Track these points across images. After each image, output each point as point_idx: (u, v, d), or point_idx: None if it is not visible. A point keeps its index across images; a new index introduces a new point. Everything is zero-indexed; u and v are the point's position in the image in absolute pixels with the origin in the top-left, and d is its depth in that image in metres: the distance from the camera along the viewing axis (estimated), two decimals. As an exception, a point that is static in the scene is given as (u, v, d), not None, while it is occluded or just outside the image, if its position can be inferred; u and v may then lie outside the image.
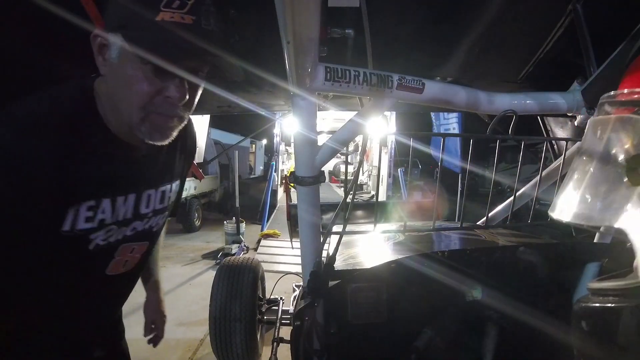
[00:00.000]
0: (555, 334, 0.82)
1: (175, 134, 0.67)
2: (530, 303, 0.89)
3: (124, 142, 0.68)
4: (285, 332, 1.37)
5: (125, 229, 0.74)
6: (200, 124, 6.17)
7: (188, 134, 0.91)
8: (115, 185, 0.70)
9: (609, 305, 0.44)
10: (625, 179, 0.43)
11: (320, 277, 0.87)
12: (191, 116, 0.73)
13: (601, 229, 0.97)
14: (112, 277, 0.78)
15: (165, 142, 0.67)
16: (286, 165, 10.71)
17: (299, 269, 1.04)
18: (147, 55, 0.56)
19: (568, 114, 1.02)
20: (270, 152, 12.44)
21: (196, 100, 0.67)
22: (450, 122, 6.21)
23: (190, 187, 6.71)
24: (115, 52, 0.59)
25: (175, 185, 0.86)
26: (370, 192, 8.87)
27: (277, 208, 8.09)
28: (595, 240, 1.12)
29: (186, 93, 0.63)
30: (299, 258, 0.95)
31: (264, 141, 16.29)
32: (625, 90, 0.48)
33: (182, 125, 0.68)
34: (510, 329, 0.89)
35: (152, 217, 0.79)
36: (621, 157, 0.44)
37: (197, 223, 6.96)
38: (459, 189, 5.26)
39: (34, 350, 0.75)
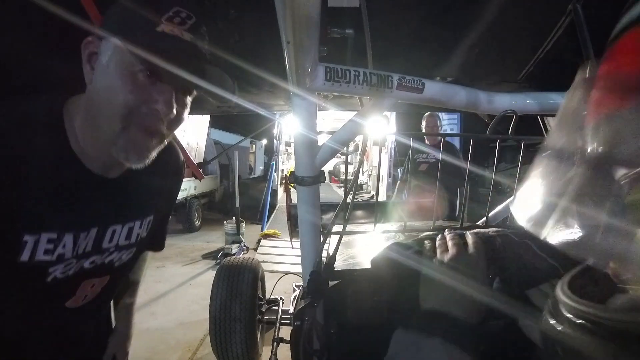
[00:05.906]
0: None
1: (153, 155, 0.63)
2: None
3: (93, 174, 0.65)
4: (285, 332, 1.37)
5: (84, 261, 0.71)
6: (200, 124, 6.19)
7: (170, 170, 0.85)
8: (80, 220, 0.67)
9: (581, 334, 0.34)
10: None
11: (320, 277, 0.87)
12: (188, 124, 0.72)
13: None
14: (72, 309, 0.75)
15: (141, 165, 0.62)
16: (286, 165, 10.72)
17: (299, 269, 1.04)
18: (143, 58, 0.53)
19: (568, 114, 1.02)
20: (270, 152, 12.46)
21: (181, 122, 0.64)
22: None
23: (190, 187, 6.72)
24: (106, 56, 0.56)
25: (147, 221, 0.81)
26: (370, 192, 8.88)
27: (277, 208, 8.10)
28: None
29: (173, 108, 0.59)
30: (299, 258, 0.95)
31: (264, 141, 16.29)
32: None
33: (161, 146, 0.64)
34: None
35: (113, 252, 0.75)
36: None
37: (197, 223, 6.97)
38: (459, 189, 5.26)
39: None
